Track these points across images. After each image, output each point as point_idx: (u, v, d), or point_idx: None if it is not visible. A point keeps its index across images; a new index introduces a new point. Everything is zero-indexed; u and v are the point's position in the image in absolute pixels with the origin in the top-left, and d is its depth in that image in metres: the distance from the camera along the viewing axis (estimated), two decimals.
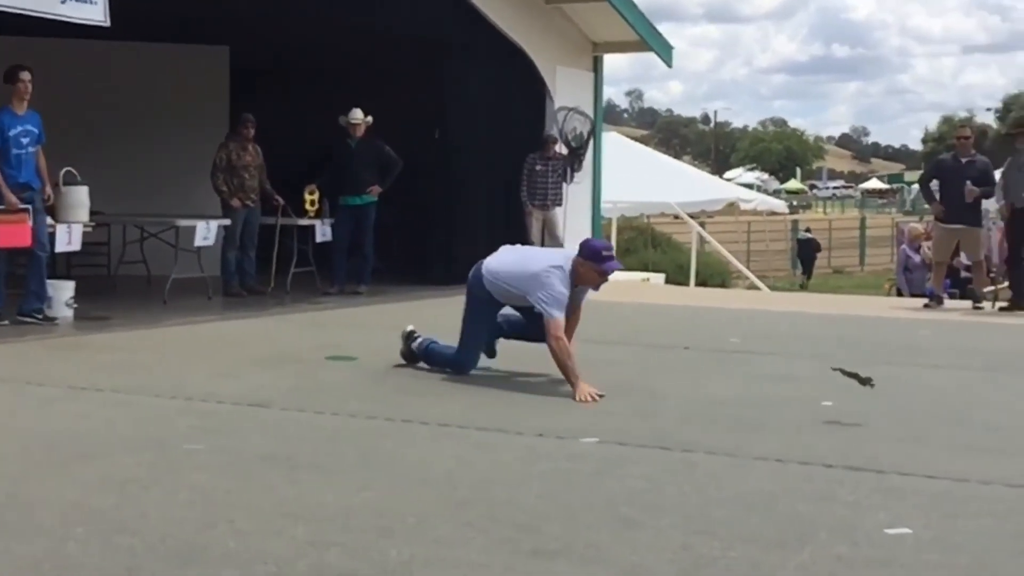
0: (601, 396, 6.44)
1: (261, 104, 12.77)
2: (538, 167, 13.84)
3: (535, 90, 14.40)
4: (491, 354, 7.46)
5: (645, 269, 19.16)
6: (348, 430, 5.72)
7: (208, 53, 14.18)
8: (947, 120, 68.00)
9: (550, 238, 14.13)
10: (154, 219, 11.98)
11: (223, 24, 13.62)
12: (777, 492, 4.60)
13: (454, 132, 13.65)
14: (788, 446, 5.41)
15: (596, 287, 6.99)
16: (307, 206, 12.33)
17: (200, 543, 3.81)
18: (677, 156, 66.74)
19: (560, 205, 14.12)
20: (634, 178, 20.23)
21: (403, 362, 7.59)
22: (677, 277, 19.94)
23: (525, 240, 13.81)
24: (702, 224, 24.86)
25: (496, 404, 6.48)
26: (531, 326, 7.07)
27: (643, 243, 24.03)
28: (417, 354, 7.55)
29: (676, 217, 23.54)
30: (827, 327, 10.71)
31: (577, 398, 6.43)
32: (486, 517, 4.16)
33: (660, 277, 18.49)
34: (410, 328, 7.68)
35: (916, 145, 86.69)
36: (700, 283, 19.73)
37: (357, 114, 12.29)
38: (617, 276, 7.70)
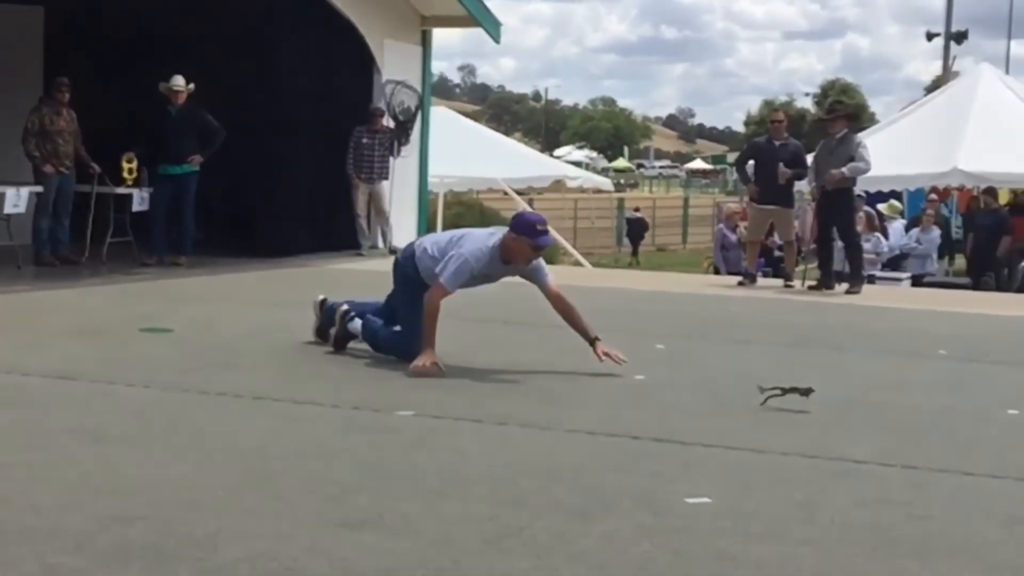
0: (439, 371, 6.38)
1: (77, 68, 12.34)
2: (365, 140, 13.79)
3: (363, 63, 14.29)
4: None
5: None
6: (159, 403, 5.63)
7: (22, 13, 13.62)
8: (768, 104, 69.80)
9: (376, 212, 14.10)
10: None
11: None
12: (585, 463, 4.73)
13: (280, 102, 13.44)
14: (599, 419, 5.55)
15: (527, 262, 6.69)
16: (124, 174, 12.01)
17: None
18: (508, 132, 67.13)
19: (387, 179, 14.09)
20: (462, 153, 20.26)
21: (324, 344, 7.19)
22: None
23: (352, 213, 13.76)
24: (529, 201, 25.10)
25: (314, 377, 6.46)
26: None
27: (471, 219, 24.10)
28: (351, 332, 7.06)
29: (504, 193, 23.66)
30: (644, 303, 10.96)
31: (417, 363, 6.37)
32: (296, 489, 4.16)
33: None
34: (321, 297, 7.29)
35: (739, 127, 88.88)
36: None
37: (178, 81, 12.00)
38: None
